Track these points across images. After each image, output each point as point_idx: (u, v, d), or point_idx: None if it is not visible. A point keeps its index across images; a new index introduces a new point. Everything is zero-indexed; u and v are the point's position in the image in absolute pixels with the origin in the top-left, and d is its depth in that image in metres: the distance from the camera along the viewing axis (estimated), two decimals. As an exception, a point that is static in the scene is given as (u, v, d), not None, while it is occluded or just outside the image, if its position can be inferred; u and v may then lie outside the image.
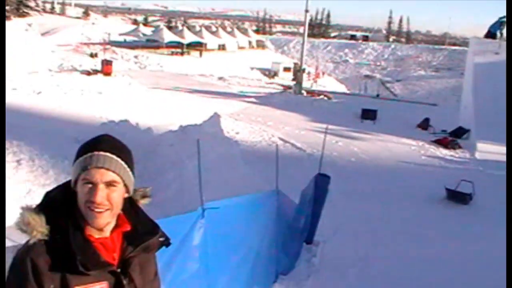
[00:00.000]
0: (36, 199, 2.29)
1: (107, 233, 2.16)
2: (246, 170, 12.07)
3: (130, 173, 2.16)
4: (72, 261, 1.99)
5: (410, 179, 16.31)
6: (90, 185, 2.06)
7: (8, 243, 3.15)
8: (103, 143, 2.13)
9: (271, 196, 7.30)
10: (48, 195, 2.17)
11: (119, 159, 2.11)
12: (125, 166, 2.13)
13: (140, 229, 2.23)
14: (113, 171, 2.08)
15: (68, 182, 2.17)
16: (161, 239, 2.32)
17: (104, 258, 2.11)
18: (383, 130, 24.54)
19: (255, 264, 6.61)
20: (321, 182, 9.32)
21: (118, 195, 2.11)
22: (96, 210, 2.05)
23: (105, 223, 2.11)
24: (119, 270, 2.15)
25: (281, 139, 21.69)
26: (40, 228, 2.02)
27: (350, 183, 14.75)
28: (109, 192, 2.07)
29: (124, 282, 2.15)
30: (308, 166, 14.46)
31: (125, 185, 2.15)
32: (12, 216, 2.10)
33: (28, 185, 10.83)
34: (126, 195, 2.19)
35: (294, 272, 8.44)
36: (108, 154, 2.09)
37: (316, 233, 9.74)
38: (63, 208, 2.08)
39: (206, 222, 4.85)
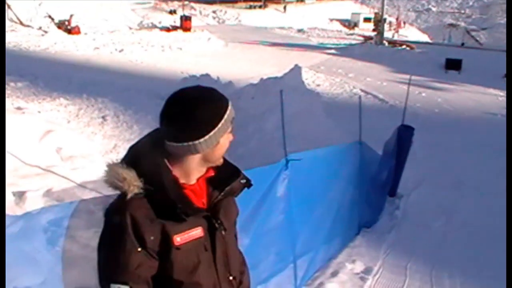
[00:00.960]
0: (121, 153, 2.34)
1: (194, 180, 2.21)
2: (328, 122, 11.98)
3: None
4: (171, 210, 2.02)
5: (496, 130, 15.75)
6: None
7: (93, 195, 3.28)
8: (217, 91, 2.20)
9: (354, 148, 7.24)
10: (133, 148, 2.20)
11: None
12: None
13: (223, 173, 2.26)
14: None
15: (151, 134, 2.21)
16: (242, 181, 2.35)
17: (196, 204, 2.17)
18: (468, 81, 23.73)
19: (338, 216, 6.62)
20: (405, 134, 9.15)
21: None
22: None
23: None
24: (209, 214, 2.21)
25: (362, 90, 21.37)
26: (135, 182, 2.04)
27: (433, 134, 14.40)
28: None
29: (217, 225, 2.21)
30: (390, 118, 14.19)
31: None
32: (99, 170, 2.15)
33: (114, 141, 11.16)
34: None
35: (377, 225, 8.40)
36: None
37: (399, 186, 9.63)
38: (155, 159, 2.11)
39: (290, 173, 4.86)
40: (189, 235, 2.11)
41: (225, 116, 2.11)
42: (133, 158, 2.12)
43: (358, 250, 7.22)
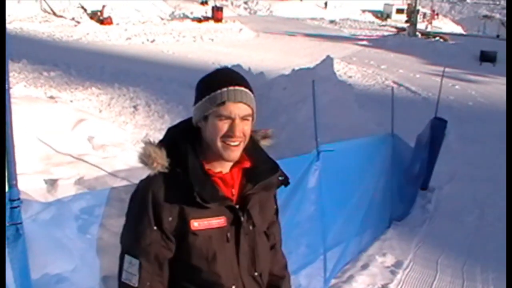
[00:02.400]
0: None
1: (227, 168, 2.17)
2: (360, 114, 11.90)
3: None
4: (190, 194, 2.01)
5: (532, 124, 15.48)
6: (226, 120, 2.05)
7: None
8: (234, 77, 2.12)
9: (386, 140, 7.16)
10: (170, 130, 2.22)
11: (249, 92, 2.10)
12: (254, 98, 2.13)
13: (260, 167, 2.21)
14: (248, 105, 2.08)
15: (189, 122, 2.19)
16: (280, 178, 2.30)
17: (222, 192, 2.12)
18: (503, 73, 23.27)
19: (369, 208, 6.56)
20: (438, 126, 9.05)
21: (249, 127, 2.12)
22: (232, 144, 2.06)
23: (238, 156, 2.12)
24: (237, 206, 2.15)
25: (395, 82, 21.19)
26: (161, 160, 2.06)
27: (467, 127, 14.22)
28: (243, 126, 2.07)
29: (242, 218, 2.15)
30: (423, 110, 14.04)
31: (253, 118, 2.15)
32: (130, 159, 2.17)
33: (145, 130, 11.23)
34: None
35: (408, 218, 8.32)
36: (242, 88, 2.07)
37: (431, 179, 9.52)
38: (184, 142, 2.11)
39: (322, 164, 4.81)
40: (209, 222, 2.08)
41: (213, 94, 2.05)
42: (167, 140, 2.16)
43: (389, 243, 7.15)
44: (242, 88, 2.07)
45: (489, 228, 8.17)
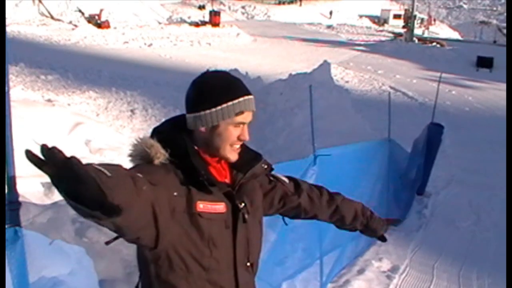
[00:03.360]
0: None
1: (215, 161, 2.21)
2: (357, 119, 11.90)
3: None
4: (195, 177, 2.03)
5: (529, 130, 15.52)
6: (240, 126, 2.14)
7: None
8: (243, 84, 2.18)
9: (383, 145, 7.17)
10: (157, 129, 2.23)
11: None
12: None
13: (244, 156, 2.26)
14: (253, 111, 2.19)
15: (174, 117, 2.25)
16: (263, 165, 2.34)
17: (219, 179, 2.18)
18: (500, 79, 23.38)
19: (365, 213, 6.55)
20: (434, 132, 9.05)
21: None
22: (238, 146, 2.17)
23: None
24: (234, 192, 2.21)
25: (392, 87, 21.24)
26: (162, 150, 2.05)
27: (463, 133, 14.25)
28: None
29: (240, 206, 2.20)
30: (420, 115, 14.09)
31: None
32: (128, 163, 2.15)
33: (142, 134, 11.22)
34: None
35: (405, 223, 8.31)
36: (251, 96, 2.17)
37: (428, 184, 9.52)
38: (180, 135, 2.13)
39: (318, 169, 4.82)
40: (212, 207, 2.10)
41: (230, 103, 2.10)
42: (157, 136, 2.13)
43: (385, 248, 7.13)
44: (252, 97, 2.17)
45: (485, 233, 8.18)
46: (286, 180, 2.60)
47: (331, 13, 63.16)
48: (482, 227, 8.42)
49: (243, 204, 2.22)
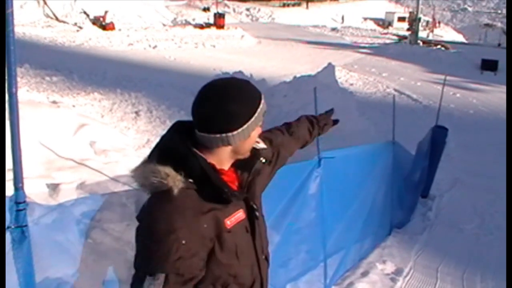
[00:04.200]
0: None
1: (227, 167, 2.21)
2: (361, 121, 11.92)
3: None
4: (218, 196, 2.02)
5: (534, 132, 15.47)
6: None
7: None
8: (251, 84, 2.20)
9: (387, 147, 7.17)
10: (159, 146, 2.15)
11: None
12: None
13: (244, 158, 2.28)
14: None
15: (175, 128, 2.18)
16: (263, 161, 2.36)
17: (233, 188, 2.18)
18: (505, 82, 23.31)
19: (370, 215, 6.57)
20: (438, 134, 9.05)
21: None
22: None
23: None
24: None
25: (396, 90, 21.21)
26: (178, 176, 2.00)
27: (468, 136, 14.22)
28: None
29: (255, 206, 2.26)
30: (424, 118, 14.08)
31: None
32: (132, 164, 2.13)
33: (147, 136, 11.24)
34: None
35: (409, 225, 8.32)
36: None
37: (432, 187, 9.53)
38: (186, 152, 2.06)
39: (322, 171, 4.83)
40: (235, 217, 2.12)
41: (258, 110, 2.11)
42: (164, 155, 2.06)
43: (389, 250, 7.14)
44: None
45: (489, 236, 8.17)
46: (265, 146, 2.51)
47: (343, 18, 63.09)
48: (486, 230, 8.41)
49: (254, 203, 2.27)
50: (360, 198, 6.24)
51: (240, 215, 2.15)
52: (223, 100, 2.05)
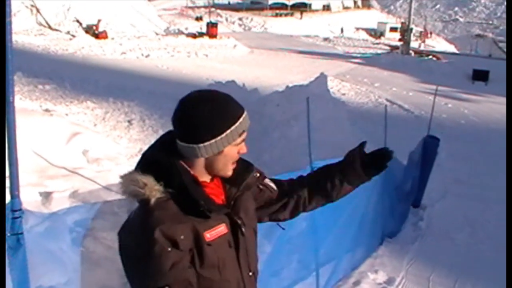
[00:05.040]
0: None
1: (209, 178, 2.20)
2: (353, 131, 11.95)
3: None
4: (195, 208, 2.02)
5: (524, 143, 15.54)
6: (243, 141, 2.16)
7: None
8: (234, 101, 2.16)
9: (379, 157, 7.18)
10: (146, 155, 2.18)
11: None
12: None
13: (236, 169, 2.23)
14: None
15: (162, 138, 2.20)
16: (256, 174, 2.35)
17: (216, 201, 2.16)
18: (496, 92, 23.48)
19: (361, 225, 6.57)
20: (430, 144, 9.08)
21: None
22: (236, 161, 2.18)
23: None
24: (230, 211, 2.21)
25: (388, 100, 21.31)
26: (156, 186, 2.02)
27: (459, 146, 14.28)
28: None
29: (240, 221, 2.21)
30: (416, 128, 14.11)
31: None
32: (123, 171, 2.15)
33: (139, 144, 11.25)
34: None
35: (400, 235, 8.33)
36: (245, 111, 2.16)
37: (423, 197, 9.55)
38: (173, 162, 2.08)
39: (314, 181, 4.84)
40: (216, 231, 2.10)
41: (233, 127, 2.08)
42: (147, 164, 2.10)
43: (381, 260, 7.16)
44: (245, 111, 2.16)
45: (480, 245, 8.20)
46: (274, 187, 2.58)
47: (342, 30, 63.37)
48: (477, 240, 8.44)
49: (240, 219, 2.23)
50: (351, 207, 6.24)
51: (221, 229, 2.13)
52: (197, 110, 2.06)
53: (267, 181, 2.55)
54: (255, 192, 2.47)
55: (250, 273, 2.32)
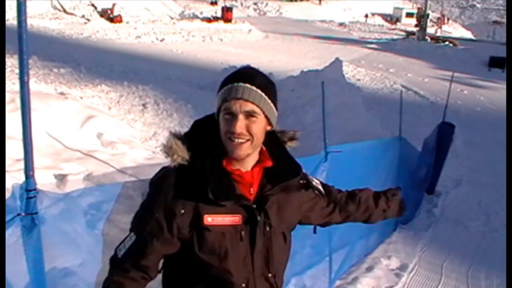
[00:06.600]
0: (160, 141, 2.33)
1: (248, 167, 2.15)
2: (368, 117, 11.89)
3: (272, 105, 2.12)
4: (205, 189, 2.01)
5: (541, 130, 15.42)
6: (230, 116, 2.04)
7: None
8: (243, 74, 2.10)
9: (394, 143, 7.16)
10: (195, 123, 2.21)
11: (258, 90, 2.06)
12: (265, 97, 2.08)
13: (281, 168, 2.19)
14: (252, 102, 2.04)
15: (211, 116, 2.18)
16: (301, 181, 2.30)
17: (239, 191, 2.10)
18: (513, 79, 23.27)
19: (375, 210, 6.55)
20: (445, 131, 9.02)
21: (258, 126, 2.07)
22: (236, 140, 2.04)
23: (245, 154, 2.08)
24: (254, 205, 2.13)
25: (403, 86, 21.18)
26: (181, 153, 2.06)
27: (475, 133, 14.19)
28: (248, 123, 2.04)
29: (259, 218, 2.13)
30: (431, 114, 14.06)
31: (266, 117, 2.11)
32: (139, 156, 2.16)
33: (153, 128, 11.26)
34: (268, 128, 2.16)
35: (414, 221, 8.32)
36: (247, 85, 2.05)
37: (438, 184, 9.50)
38: (206, 137, 2.11)
39: (329, 165, 4.83)
40: (223, 219, 2.07)
41: (222, 90, 2.08)
42: (191, 132, 2.16)
43: (394, 246, 7.15)
44: (247, 85, 2.05)
45: (494, 233, 8.16)
46: (324, 192, 2.53)
47: (366, 16, 62.82)
48: (491, 228, 8.41)
49: (263, 217, 2.15)
50: (365, 193, 6.23)
51: (234, 219, 2.09)
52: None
53: (319, 188, 2.50)
54: (311, 196, 2.45)
55: (270, 274, 2.25)
